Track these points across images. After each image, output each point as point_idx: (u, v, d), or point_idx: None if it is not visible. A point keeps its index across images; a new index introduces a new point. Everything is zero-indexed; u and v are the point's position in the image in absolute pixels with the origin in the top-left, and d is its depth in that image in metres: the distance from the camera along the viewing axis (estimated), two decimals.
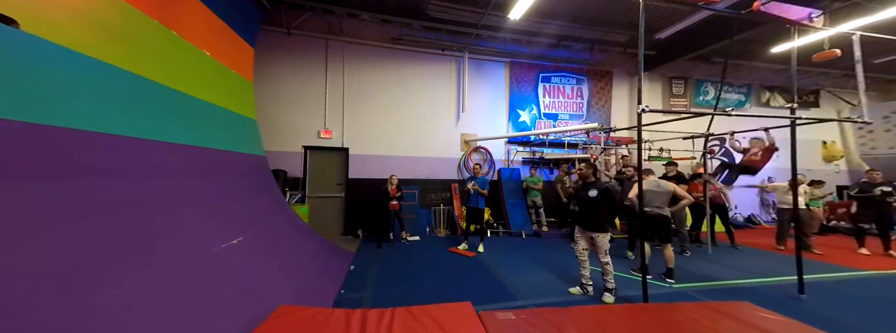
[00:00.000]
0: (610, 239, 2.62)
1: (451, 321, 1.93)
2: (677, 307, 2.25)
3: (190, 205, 2.29)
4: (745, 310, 2.18)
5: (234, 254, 2.35)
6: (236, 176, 3.16)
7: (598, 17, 5.41)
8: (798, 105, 2.85)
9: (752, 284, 3.16)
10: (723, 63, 4.13)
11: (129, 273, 1.60)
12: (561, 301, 2.59)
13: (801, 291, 2.74)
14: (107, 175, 1.75)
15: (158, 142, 2.19)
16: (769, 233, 5.73)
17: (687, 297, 2.75)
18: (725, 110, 2.69)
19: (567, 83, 6.73)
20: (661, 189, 3.24)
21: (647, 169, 3.36)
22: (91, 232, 1.54)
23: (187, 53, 2.71)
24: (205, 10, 2.99)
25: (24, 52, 1.46)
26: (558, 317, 2.02)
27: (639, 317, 2.08)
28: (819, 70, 7.55)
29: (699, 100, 7.48)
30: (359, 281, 3.04)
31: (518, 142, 6.41)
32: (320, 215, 5.34)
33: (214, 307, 1.85)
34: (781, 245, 4.60)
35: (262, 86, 4.97)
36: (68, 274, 1.35)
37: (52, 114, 1.53)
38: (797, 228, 2.99)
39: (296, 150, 5.32)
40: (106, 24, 1.93)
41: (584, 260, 2.76)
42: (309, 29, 5.31)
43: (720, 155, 7.59)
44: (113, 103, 1.91)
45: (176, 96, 2.49)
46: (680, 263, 3.72)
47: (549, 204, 5.83)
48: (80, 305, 1.32)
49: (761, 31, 4.97)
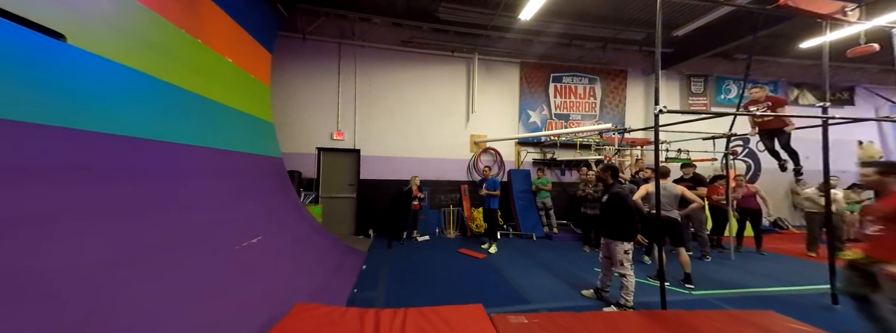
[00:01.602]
0: (626, 251, 2.44)
1: (463, 323, 1.93)
2: (698, 314, 2.17)
3: (213, 206, 2.40)
4: (772, 320, 2.07)
5: (255, 253, 2.45)
6: (255, 177, 3.28)
7: (611, 15, 5.28)
8: (831, 103, 2.68)
9: (779, 292, 2.99)
10: (747, 60, 3.95)
11: (158, 270, 1.70)
12: (573, 306, 2.54)
13: (835, 301, 2.57)
14: (137, 177, 1.87)
15: (186, 145, 2.32)
16: (798, 239, 5.42)
17: (708, 305, 2.64)
18: (749, 110, 2.56)
19: (579, 83, 6.60)
20: (668, 191, 3.13)
21: (666, 169, 3.23)
22: (123, 231, 1.65)
23: (212, 60, 2.85)
24: (227, 19, 3.13)
25: (68, 63, 1.59)
26: (572, 322, 1.99)
27: (657, 325, 2.02)
28: (854, 65, 7.07)
29: (720, 99, 7.16)
30: (371, 281, 3.09)
31: (529, 143, 6.35)
32: (333, 215, 5.46)
33: (237, 303, 1.93)
34: (813, 251, 4.34)
35: (279, 90, 5.15)
36: (107, 270, 1.46)
37: (93, 121, 1.65)
38: (830, 233, 2.82)
39: (310, 152, 5.47)
40: (140, 35, 2.07)
41: (607, 268, 2.64)
42: (323, 34, 5.47)
43: (744, 155, 7.24)
44: (146, 109, 2.04)
45: (201, 102, 2.62)
46: (700, 269, 3.58)
47: (561, 207, 5.73)
48: (116, 299, 1.42)
49: (789, 25, 4.71)
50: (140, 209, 1.79)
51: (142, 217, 1.78)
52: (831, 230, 2.83)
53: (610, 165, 2.76)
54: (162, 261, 1.73)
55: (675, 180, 4.26)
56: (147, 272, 1.62)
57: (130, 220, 1.71)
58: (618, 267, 2.48)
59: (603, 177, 2.70)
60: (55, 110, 1.47)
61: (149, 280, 1.60)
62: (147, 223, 1.79)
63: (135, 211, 1.75)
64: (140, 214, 1.78)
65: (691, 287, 3.00)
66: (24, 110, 1.34)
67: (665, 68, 6.41)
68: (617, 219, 2.49)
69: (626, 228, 2.46)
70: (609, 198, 2.56)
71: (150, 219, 1.81)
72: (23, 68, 1.37)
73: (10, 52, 1.34)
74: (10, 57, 1.34)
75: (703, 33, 5.43)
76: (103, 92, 1.75)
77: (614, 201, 2.51)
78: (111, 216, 1.62)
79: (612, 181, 2.64)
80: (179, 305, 1.63)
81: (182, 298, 1.67)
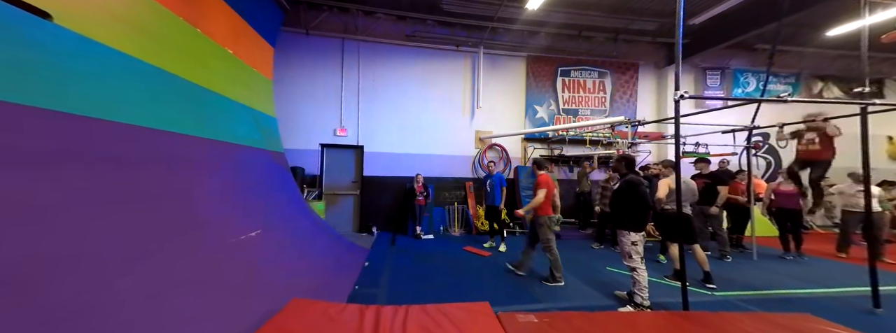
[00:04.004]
0: (634, 242, 2.29)
1: (469, 321, 1.81)
2: (724, 316, 1.99)
3: (208, 198, 2.34)
4: (808, 323, 1.88)
5: (252, 247, 2.38)
6: (255, 170, 3.22)
7: (622, 5, 5.07)
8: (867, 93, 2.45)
9: (811, 295, 2.77)
10: (770, 50, 3.71)
11: (147, 263, 1.62)
12: (585, 305, 2.39)
13: (877, 305, 2.35)
14: (127, 165, 1.80)
15: (179, 134, 2.25)
16: (823, 239, 5.10)
17: (733, 307, 2.45)
18: (780, 96, 2.36)
19: (588, 77, 6.39)
20: (686, 186, 2.94)
21: (630, 157, 3.03)
22: (109, 222, 1.58)
23: (211, 50, 2.80)
24: (228, 10, 3.09)
25: (54, 44, 1.52)
26: (585, 322, 1.85)
27: (678, 326, 1.85)
28: (884, 55, 6.66)
29: (738, 93, 6.84)
30: (373, 278, 3.00)
31: (535, 139, 6.17)
32: (336, 211, 5.41)
33: (231, 297, 1.85)
34: (843, 252, 4.05)
35: (282, 86, 5.12)
36: (95, 260, 1.39)
37: (78, 103, 1.58)
38: (869, 233, 2.58)
39: (313, 148, 5.43)
40: (133, 20, 2.01)
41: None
42: (326, 28, 5.41)
43: (764, 152, 6.90)
44: (137, 95, 1.98)
45: (198, 91, 2.57)
46: (721, 269, 3.37)
47: (566, 204, 5.54)
48: (105, 290, 1.34)
49: (813, 13, 4.43)
50: (128, 199, 1.72)
51: (131, 207, 1.71)
52: (871, 229, 2.58)
53: (625, 156, 2.64)
54: (151, 254, 1.66)
55: (693, 176, 4.05)
56: (135, 265, 1.55)
57: (118, 211, 1.64)
58: (626, 259, 2.36)
59: (618, 168, 2.60)
60: (37, 91, 1.40)
61: (136, 273, 1.52)
62: (136, 214, 1.72)
63: (123, 202, 1.68)
64: (129, 205, 1.71)
65: (713, 287, 2.80)
66: (3, 88, 1.27)
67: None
68: (626, 208, 2.38)
69: (636, 217, 2.33)
70: (621, 186, 2.46)
71: (138, 210, 1.74)
72: (4, 46, 1.31)
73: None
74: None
75: (721, 22, 5.16)
76: (90, 74, 1.68)
77: (627, 188, 2.41)
78: (97, 206, 1.55)
79: (626, 171, 2.54)
80: (167, 298, 1.55)
81: (171, 292, 1.59)
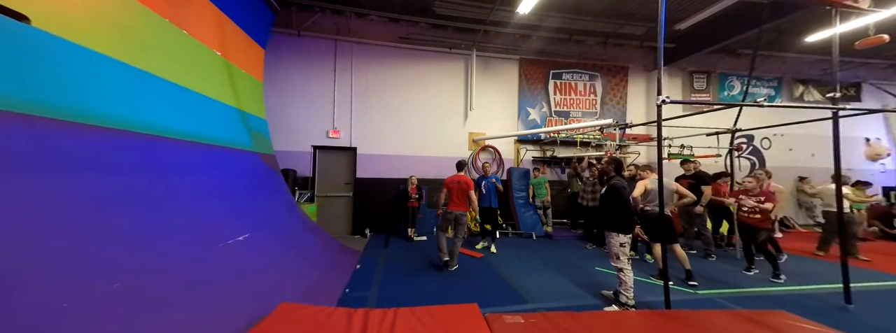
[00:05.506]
0: (622, 243, 2.38)
1: (456, 323, 1.84)
2: (704, 314, 2.06)
3: (196, 201, 2.31)
4: (782, 320, 1.96)
5: (241, 251, 2.36)
6: (245, 173, 3.20)
7: (611, 9, 5.18)
8: (838, 98, 2.57)
9: (789, 292, 2.87)
10: (751, 55, 3.85)
11: (135, 266, 1.61)
12: (573, 305, 2.44)
13: (848, 301, 2.46)
14: (108, 171, 1.78)
15: (165, 138, 2.23)
16: (805, 237, 5.28)
17: (714, 304, 2.53)
18: (756, 101, 2.46)
19: (580, 79, 6.50)
20: (664, 187, 3.03)
21: (648, 167, 3.15)
22: (92, 228, 1.56)
23: (197, 52, 2.77)
24: (215, 11, 3.06)
25: (32, 48, 1.50)
26: (570, 322, 1.89)
27: (660, 325, 1.91)
28: (860, 60, 6.94)
29: (723, 96, 7.04)
30: (365, 280, 3.00)
31: (528, 141, 6.24)
32: (328, 214, 5.37)
33: (218, 302, 1.84)
34: (822, 250, 4.21)
35: (273, 87, 5.07)
36: (75, 265, 1.37)
37: (57, 108, 1.56)
38: (842, 231, 2.70)
39: (305, 150, 5.39)
40: (115, 22, 1.99)
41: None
42: (318, 30, 5.39)
43: (748, 153, 7.10)
44: (121, 98, 1.95)
45: (185, 93, 2.54)
46: (705, 268, 3.47)
47: (560, 205, 5.62)
48: (86, 299, 1.33)
49: (794, 19, 4.60)
50: (112, 204, 1.70)
51: (114, 213, 1.69)
52: (844, 227, 2.70)
53: (614, 158, 2.73)
54: (134, 259, 1.64)
55: (678, 178, 4.15)
56: (118, 270, 1.53)
57: (100, 217, 1.62)
58: (613, 260, 2.42)
59: (606, 170, 2.67)
60: (14, 96, 1.38)
61: (119, 278, 1.51)
62: (119, 219, 1.70)
63: (106, 207, 1.66)
64: (112, 210, 1.69)
65: (695, 284, 2.89)
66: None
67: (667, 64, 6.31)
68: (613, 211, 2.45)
69: (622, 219, 2.41)
70: (606, 190, 2.53)
71: (121, 215, 1.72)
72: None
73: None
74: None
75: (706, 27, 5.31)
76: (70, 78, 1.66)
77: (611, 192, 2.49)
78: (77, 212, 1.53)
79: (614, 173, 2.61)
80: (153, 304, 1.53)
81: (156, 297, 1.58)
